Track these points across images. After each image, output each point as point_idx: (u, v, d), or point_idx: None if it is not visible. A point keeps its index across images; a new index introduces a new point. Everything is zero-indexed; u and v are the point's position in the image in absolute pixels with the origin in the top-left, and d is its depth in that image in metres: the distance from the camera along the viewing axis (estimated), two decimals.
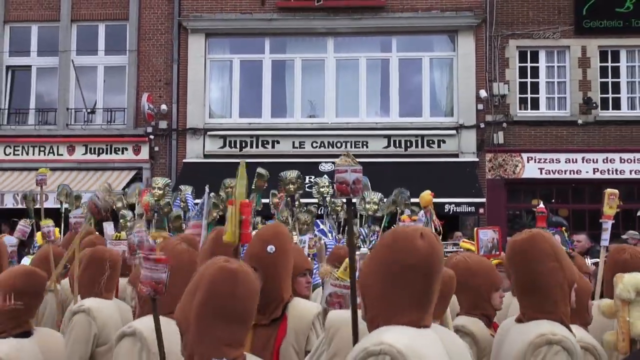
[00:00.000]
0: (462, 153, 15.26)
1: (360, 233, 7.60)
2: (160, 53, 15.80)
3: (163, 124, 15.61)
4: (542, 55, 15.57)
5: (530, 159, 15.20)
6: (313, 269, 3.69)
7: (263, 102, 15.79)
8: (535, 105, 15.49)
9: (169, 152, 15.64)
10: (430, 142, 15.33)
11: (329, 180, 8.29)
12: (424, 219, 5.30)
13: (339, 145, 15.21)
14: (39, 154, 15.57)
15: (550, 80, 15.54)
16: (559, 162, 15.11)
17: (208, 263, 2.12)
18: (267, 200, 8.46)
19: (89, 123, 15.82)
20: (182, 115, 15.62)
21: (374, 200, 8.02)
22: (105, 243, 5.24)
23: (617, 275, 3.10)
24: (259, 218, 7.80)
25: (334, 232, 7.50)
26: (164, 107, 15.52)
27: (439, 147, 15.31)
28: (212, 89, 16.04)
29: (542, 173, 15.15)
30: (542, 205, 7.56)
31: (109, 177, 14.87)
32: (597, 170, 15.02)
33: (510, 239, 2.84)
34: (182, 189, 8.56)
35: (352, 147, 15.14)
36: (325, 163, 14.34)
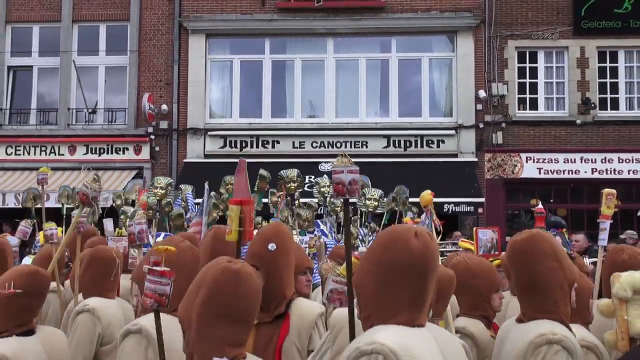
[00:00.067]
0: (461, 153, 15.27)
1: (359, 233, 7.63)
2: (161, 53, 15.82)
3: (164, 124, 15.63)
4: (540, 56, 15.57)
5: (529, 159, 15.20)
6: (313, 268, 3.71)
7: (263, 102, 15.79)
8: (534, 106, 15.50)
9: (170, 152, 15.65)
10: (430, 142, 15.34)
11: (330, 180, 8.30)
12: (427, 221, 5.32)
13: (339, 145, 15.20)
14: (40, 154, 15.57)
15: (549, 81, 15.54)
16: (558, 162, 15.11)
17: (211, 263, 2.14)
18: (267, 200, 8.51)
19: (90, 123, 15.83)
20: (182, 116, 15.64)
21: (375, 197, 8.05)
22: (107, 240, 5.25)
23: (613, 275, 3.11)
24: (260, 218, 7.84)
25: (334, 232, 7.54)
26: (165, 107, 15.53)
27: (438, 147, 15.31)
28: (212, 89, 16.04)
29: (540, 173, 15.15)
30: (540, 206, 7.62)
31: (110, 177, 14.89)
32: (595, 170, 15.03)
33: (511, 239, 2.85)
34: (182, 189, 8.60)
35: (351, 147, 15.15)
36: (325, 163, 14.31)
